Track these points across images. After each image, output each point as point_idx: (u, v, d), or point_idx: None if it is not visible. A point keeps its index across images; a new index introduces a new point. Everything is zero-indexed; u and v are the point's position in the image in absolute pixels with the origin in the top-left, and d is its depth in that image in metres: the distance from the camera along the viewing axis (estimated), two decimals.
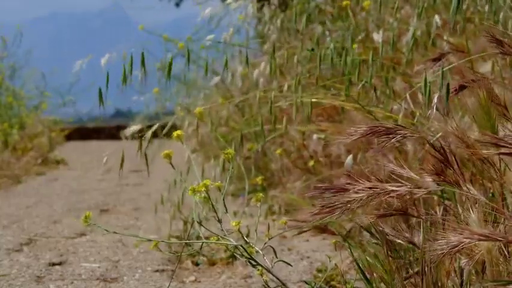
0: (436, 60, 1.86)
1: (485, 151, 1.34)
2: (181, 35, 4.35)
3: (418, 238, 1.51)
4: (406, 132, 1.39)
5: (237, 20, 4.10)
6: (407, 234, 1.51)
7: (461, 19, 2.27)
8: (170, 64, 1.98)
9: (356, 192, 1.32)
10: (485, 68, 2.01)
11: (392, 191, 1.32)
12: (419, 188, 1.33)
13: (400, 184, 1.34)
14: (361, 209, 1.36)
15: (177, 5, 10.10)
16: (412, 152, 2.03)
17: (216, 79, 3.31)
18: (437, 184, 1.33)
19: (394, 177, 1.35)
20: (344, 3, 2.66)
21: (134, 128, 2.20)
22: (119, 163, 2.07)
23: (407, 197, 1.34)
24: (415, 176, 1.34)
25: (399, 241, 1.51)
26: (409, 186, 1.33)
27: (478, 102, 1.37)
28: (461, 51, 1.98)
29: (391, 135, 1.40)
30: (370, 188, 1.33)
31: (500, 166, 1.37)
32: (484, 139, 1.31)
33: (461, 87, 1.53)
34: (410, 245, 1.52)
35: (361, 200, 1.32)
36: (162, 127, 2.31)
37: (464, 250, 1.31)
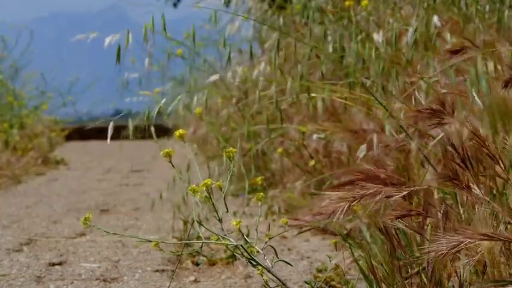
0: (455, 52, 1.81)
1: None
2: (179, 37, 4.35)
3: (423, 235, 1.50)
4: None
5: (238, 20, 4.10)
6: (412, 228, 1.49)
7: (461, 19, 2.27)
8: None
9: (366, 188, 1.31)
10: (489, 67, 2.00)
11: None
12: (418, 188, 1.33)
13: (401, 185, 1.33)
14: (361, 210, 1.35)
15: (175, 5, 10.08)
16: (415, 151, 2.02)
17: (215, 77, 3.28)
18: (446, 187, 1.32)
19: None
20: (346, 3, 2.65)
21: (134, 128, 2.20)
22: (118, 163, 2.07)
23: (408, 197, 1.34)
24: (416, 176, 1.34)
25: (404, 228, 1.48)
26: (409, 187, 1.32)
27: None
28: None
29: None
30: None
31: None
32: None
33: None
34: (413, 243, 1.52)
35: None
36: (162, 127, 2.31)
37: (465, 250, 1.30)
